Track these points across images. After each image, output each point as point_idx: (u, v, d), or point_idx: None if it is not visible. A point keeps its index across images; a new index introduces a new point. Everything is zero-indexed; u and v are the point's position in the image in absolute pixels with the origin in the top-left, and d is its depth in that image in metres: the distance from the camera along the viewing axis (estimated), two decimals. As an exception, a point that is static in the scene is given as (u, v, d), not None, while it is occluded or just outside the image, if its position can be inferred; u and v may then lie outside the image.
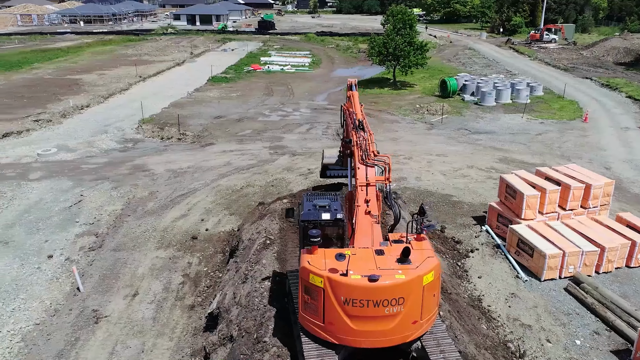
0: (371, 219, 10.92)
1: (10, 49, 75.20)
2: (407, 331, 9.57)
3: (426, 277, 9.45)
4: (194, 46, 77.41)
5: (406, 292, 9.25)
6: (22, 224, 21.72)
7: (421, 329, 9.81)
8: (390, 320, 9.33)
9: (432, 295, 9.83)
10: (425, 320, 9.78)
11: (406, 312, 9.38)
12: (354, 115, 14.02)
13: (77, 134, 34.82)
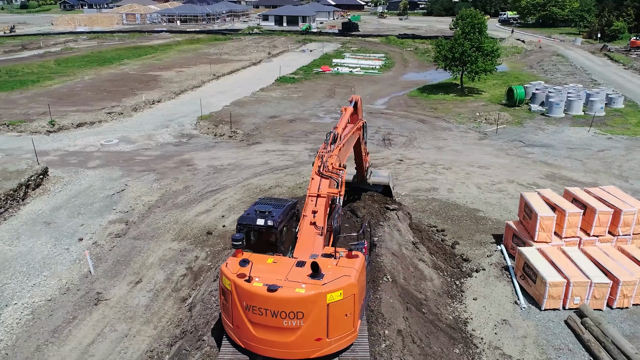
0: (315, 230, 10.80)
1: (110, 46, 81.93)
2: (309, 347, 9.34)
3: (331, 295, 9.12)
4: (274, 46, 79.61)
5: (306, 308, 9.04)
6: (68, 207, 23.72)
7: (328, 348, 9.51)
8: (289, 333, 9.19)
9: (344, 315, 9.45)
10: (334, 339, 9.47)
11: (307, 328, 9.16)
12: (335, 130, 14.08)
13: (141, 127, 37.29)
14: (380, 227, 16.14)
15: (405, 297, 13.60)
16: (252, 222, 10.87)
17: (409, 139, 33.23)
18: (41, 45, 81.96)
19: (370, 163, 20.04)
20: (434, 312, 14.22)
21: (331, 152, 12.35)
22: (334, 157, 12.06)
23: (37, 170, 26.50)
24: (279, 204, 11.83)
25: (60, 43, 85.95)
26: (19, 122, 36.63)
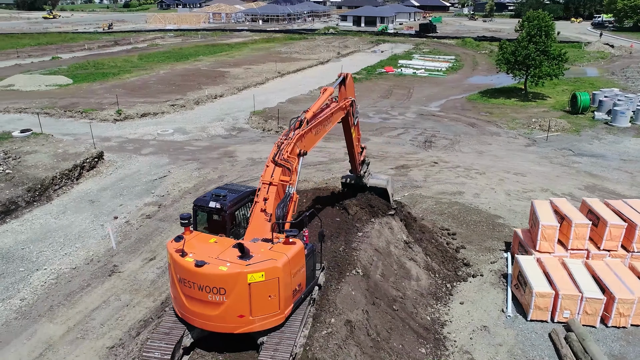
0: (265, 216, 11.34)
1: (191, 43, 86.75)
2: (232, 322, 9.90)
3: (252, 275, 9.63)
4: (345, 46, 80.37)
5: (227, 284, 9.61)
6: (113, 188, 25.93)
7: (251, 326, 10.01)
8: (214, 307, 9.81)
9: (267, 297, 9.92)
10: (257, 318, 9.97)
11: (230, 304, 9.72)
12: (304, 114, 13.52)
13: (198, 119, 39.51)
14: (370, 224, 16.31)
15: (375, 292, 13.78)
16: (205, 204, 11.67)
17: (451, 142, 32.62)
18: (131, 42, 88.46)
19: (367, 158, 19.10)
20: (408, 310, 14.26)
21: (290, 139, 12.40)
22: (292, 144, 12.21)
23: (93, 154, 29.12)
24: (237, 190, 12.51)
25: (148, 40, 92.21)
26: (92, 110, 40.15)
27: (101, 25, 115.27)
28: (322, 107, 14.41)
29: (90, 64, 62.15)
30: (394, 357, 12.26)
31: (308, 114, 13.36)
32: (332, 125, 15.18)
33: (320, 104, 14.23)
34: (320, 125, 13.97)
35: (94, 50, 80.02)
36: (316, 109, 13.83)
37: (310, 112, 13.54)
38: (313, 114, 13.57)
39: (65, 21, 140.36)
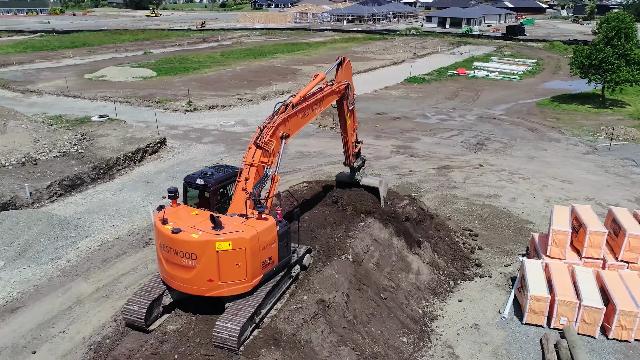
0: (245, 194, 12.23)
1: (273, 41, 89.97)
2: (203, 286, 10.88)
3: (220, 244, 10.57)
4: (422, 47, 79.53)
5: (197, 250, 10.60)
6: (168, 171, 28.17)
7: (220, 290, 10.93)
8: (187, 271, 10.85)
9: (234, 265, 10.80)
10: (226, 284, 10.87)
11: (200, 269, 10.72)
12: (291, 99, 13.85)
13: (261, 113, 41.32)
14: (371, 215, 16.66)
15: (364, 279, 14.24)
16: (193, 180, 12.79)
17: (505, 146, 31.73)
18: (218, 39, 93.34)
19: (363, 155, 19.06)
20: (398, 301, 14.58)
21: (273, 123, 12.97)
22: (273, 128, 12.86)
23: (156, 140, 31.71)
24: (225, 170, 13.49)
25: (234, 37, 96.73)
26: (166, 101, 43.38)
27: (195, 24, 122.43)
28: (315, 92, 14.82)
29: (176, 59, 66.64)
30: (368, 340, 12.73)
31: (294, 99, 13.79)
32: (323, 109, 15.42)
33: (309, 89, 14.60)
34: (309, 109, 14.33)
35: (183, 46, 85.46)
36: (303, 94, 14.25)
37: (297, 97, 13.95)
38: (300, 98, 13.97)
39: (164, 19, 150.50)
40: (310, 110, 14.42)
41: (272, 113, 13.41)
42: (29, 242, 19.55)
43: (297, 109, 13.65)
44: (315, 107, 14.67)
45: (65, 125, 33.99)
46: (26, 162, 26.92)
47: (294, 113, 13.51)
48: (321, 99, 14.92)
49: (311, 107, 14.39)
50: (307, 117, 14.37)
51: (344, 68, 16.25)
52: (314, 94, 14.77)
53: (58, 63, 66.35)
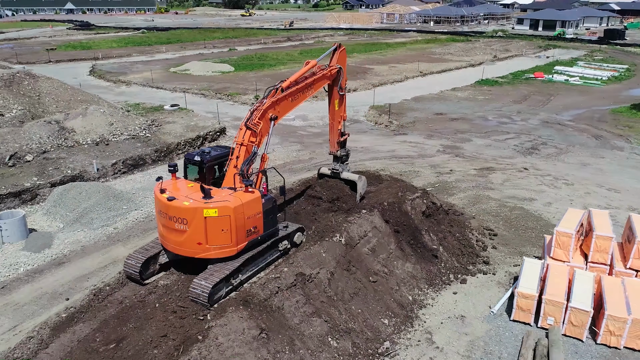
0: (235, 170, 13.48)
1: (354, 41, 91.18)
2: (193, 248, 12.25)
3: (207, 211, 11.88)
4: (505, 50, 76.89)
5: (188, 216, 11.98)
6: (222, 158, 30.29)
7: (207, 252, 12.24)
8: (179, 234, 12.26)
9: (220, 230, 12.06)
10: (212, 247, 12.17)
11: (190, 233, 12.10)
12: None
13: (322, 109, 42.18)
14: (381, 206, 17.27)
15: (355, 261, 14.99)
16: (191, 157, 14.20)
17: (560, 151, 30.56)
18: (302, 38, 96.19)
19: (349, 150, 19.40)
20: (388, 286, 15.17)
21: (262, 106, 14.03)
22: (261, 111, 13.95)
23: (216, 129, 34.13)
24: (221, 150, 14.75)
25: (318, 37, 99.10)
26: (236, 94, 46.09)
27: (283, 23, 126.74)
28: (306, 76, 15.71)
29: (256, 56, 69.93)
30: (345, 316, 13.53)
31: (284, 84, 14.90)
32: (314, 92, 16.42)
33: (300, 75, 15.57)
34: (299, 93, 15.38)
35: (268, 44, 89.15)
36: (294, 79, 15.32)
37: (287, 82, 15.04)
38: (290, 83, 15.03)
39: (257, 19, 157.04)
40: (301, 93, 15.44)
41: (263, 97, 14.52)
42: (87, 210, 22.22)
43: (287, 93, 14.72)
44: (306, 90, 15.68)
45: (140, 112, 37.46)
46: (100, 142, 30.26)
47: (283, 96, 14.59)
48: (312, 83, 15.90)
49: (301, 90, 15.43)
50: (297, 100, 15.42)
51: (339, 54, 17.09)
52: (306, 78, 15.70)
53: (151, 57, 72.13)
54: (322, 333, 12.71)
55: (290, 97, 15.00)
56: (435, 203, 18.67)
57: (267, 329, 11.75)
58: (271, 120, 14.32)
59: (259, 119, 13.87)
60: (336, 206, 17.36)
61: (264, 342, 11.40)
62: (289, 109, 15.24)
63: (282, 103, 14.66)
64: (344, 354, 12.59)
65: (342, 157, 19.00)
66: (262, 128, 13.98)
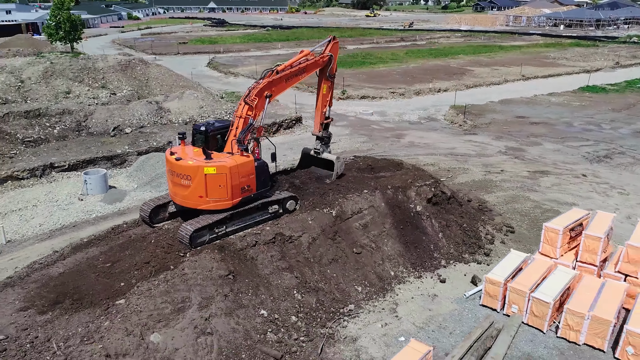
0: (234, 139, 15.61)
1: (468, 43, 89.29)
2: (195, 201, 14.61)
3: (207, 169, 14.18)
4: (633, 57, 70.35)
5: (191, 173, 14.34)
6: (290, 144, 32.87)
7: (207, 204, 14.52)
8: (185, 189, 14.68)
9: (218, 185, 14.32)
10: (211, 199, 14.45)
11: (193, 187, 14.46)
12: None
13: (405, 106, 43.69)
14: (387, 189, 18.34)
15: (343, 234, 16.40)
16: (198, 127, 16.48)
17: (635, 162, 28.54)
18: (416, 39, 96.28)
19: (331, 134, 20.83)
20: (372, 259, 16.37)
21: (258, 85, 16.03)
22: (258, 89, 15.84)
23: (292, 117, 36.92)
24: (224, 122, 16.82)
25: (432, 38, 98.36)
26: (326, 88, 48.58)
27: (403, 24, 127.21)
28: (300, 62, 17.56)
29: (361, 55, 72.02)
30: (317, 277, 15.14)
31: (280, 67, 17.10)
32: (307, 75, 18.31)
33: (294, 60, 17.71)
34: (293, 76, 17.42)
35: (380, 44, 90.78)
36: (289, 64, 17.49)
37: (282, 66, 17.22)
38: (284, 67, 17.18)
39: (380, 19, 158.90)
40: (294, 76, 17.52)
41: (260, 77, 16.64)
42: (158, 175, 26.00)
43: (281, 75, 16.80)
44: (299, 74, 17.73)
45: (231, 99, 41.54)
46: (188, 122, 34.50)
47: (278, 78, 16.69)
48: (305, 67, 17.83)
49: (295, 73, 17.48)
50: (290, 81, 17.52)
51: (332, 45, 19.03)
52: (300, 64, 17.64)
53: (266, 52, 77.63)
54: (290, 286, 14.50)
55: (284, 79, 17.06)
56: (445, 192, 19.31)
57: (236, 272, 13.85)
58: (266, 97, 16.33)
59: (255, 96, 15.97)
60: (345, 187, 18.78)
61: (229, 282, 13.52)
62: (283, 89, 17.40)
63: (277, 84, 16.77)
64: (305, 307, 14.26)
65: (323, 139, 20.45)
66: (258, 104, 16.09)
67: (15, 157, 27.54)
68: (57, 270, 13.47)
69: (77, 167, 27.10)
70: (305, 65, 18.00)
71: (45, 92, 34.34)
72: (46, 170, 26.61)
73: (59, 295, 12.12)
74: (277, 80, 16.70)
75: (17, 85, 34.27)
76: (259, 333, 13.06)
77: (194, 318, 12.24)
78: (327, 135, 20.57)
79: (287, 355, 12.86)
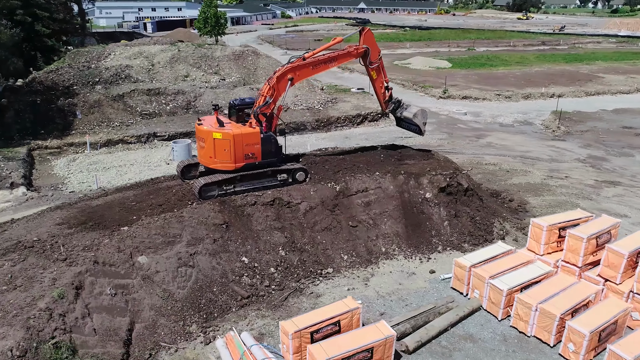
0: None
1: (617, 49, 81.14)
2: (207, 160, 17.19)
3: (215, 134, 16.65)
4: None
5: (205, 136, 16.91)
6: (368, 134, 34.60)
7: (215, 164, 17.02)
8: (202, 149, 17.34)
9: (223, 149, 16.75)
10: (218, 161, 16.94)
11: (206, 148, 17.07)
12: None
13: (505, 109, 42.47)
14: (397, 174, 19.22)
15: (343, 207, 17.83)
16: (231, 102, 18.85)
17: None
18: (559, 43, 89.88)
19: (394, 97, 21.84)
20: (367, 234, 17.61)
21: (283, 68, 17.81)
22: (280, 72, 17.59)
23: (378, 111, 38.34)
24: (251, 99, 18.95)
25: (580, 44, 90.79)
26: (429, 87, 48.98)
27: (553, 28, 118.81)
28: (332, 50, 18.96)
29: (486, 56, 69.95)
30: (306, 240, 16.92)
31: (308, 54, 18.62)
32: (337, 64, 19.68)
33: (323, 48, 19.12)
34: (321, 63, 18.80)
35: (517, 47, 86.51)
36: (317, 52, 18.90)
37: (311, 53, 18.74)
38: (312, 54, 18.66)
39: (532, 22, 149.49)
40: (323, 64, 18.89)
41: (287, 62, 18.53)
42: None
43: (307, 62, 18.35)
44: (329, 62, 19.05)
45: (329, 92, 44.13)
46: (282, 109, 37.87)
47: (304, 64, 18.33)
48: (335, 57, 19.11)
49: (324, 62, 18.86)
50: (318, 68, 18.99)
51: (364, 36, 19.80)
52: (330, 53, 19.09)
53: (392, 52, 78.82)
54: (277, 243, 16.53)
55: (311, 66, 18.66)
56: (462, 184, 19.61)
57: (230, 223, 16.27)
58: (289, 80, 18.28)
59: (276, 78, 18.06)
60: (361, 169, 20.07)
61: (222, 230, 15.98)
62: (309, 74, 19.09)
63: (302, 69, 18.50)
64: (286, 263, 16.19)
65: (394, 108, 21.90)
66: (280, 85, 18.13)
67: (131, 125, 33.23)
68: (96, 202, 17.19)
69: (174, 138, 31.82)
70: (336, 54, 19.63)
71: (168, 75, 40.19)
72: (150, 138, 31.79)
73: (87, 219, 15.67)
74: (301, 66, 18.47)
75: (148, 68, 40.63)
76: (236, 275, 15.37)
77: (180, 252, 14.94)
78: (395, 102, 22.02)
79: (254, 297, 15.00)
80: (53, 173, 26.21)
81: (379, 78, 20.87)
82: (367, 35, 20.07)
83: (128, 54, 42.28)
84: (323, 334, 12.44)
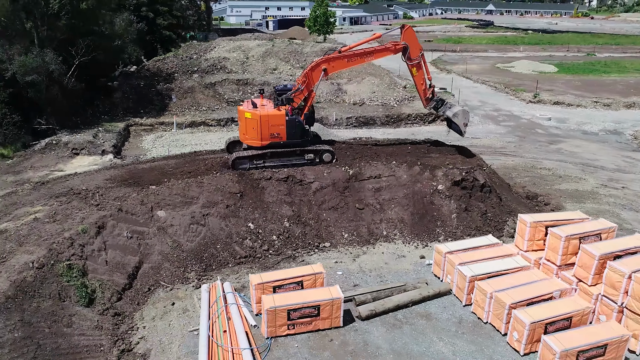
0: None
1: None
2: (242, 136, 19.54)
3: (247, 113, 18.93)
4: None
5: (241, 115, 19.25)
6: (435, 132, 34.92)
7: (246, 140, 19.29)
8: (240, 127, 19.73)
9: (252, 128, 18.93)
10: (248, 137, 19.18)
11: (241, 126, 19.43)
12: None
13: (598, 118, 39.89)
14: (415, 166, 19.91)
15: (353, 190, 19.14)
16: (275, 87, 20.85)
17: None
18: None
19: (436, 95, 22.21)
20: (371, 217, 18.76)
21: (318, 60, 19.31)
22: (315, 63, 19.16)
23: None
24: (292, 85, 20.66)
25: None
26: (521, 91, 47.28)
27: None
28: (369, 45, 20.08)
29: (602, 63, 64.91)
30: (311, 215, 18.56)
31: (344, 48, 20.14)
32: (374, 59, 20.73)
33: (361, 42, 20.31)
34: (357, 57, 19.96)
35: (645, 54, 78.70)
36: (353, 45, 20.28)
37: (346, 47, 20.21)
38: (348, 48, 20.07)
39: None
40: (359, 57, 20.18)
41: (324, 54, 20.09)
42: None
43: (343, 55, 19.81)
44: (365, 56, 20.29)
45: (411, 90, 44.63)
46: (356, 103, 39.56)
47: (339, 57, 19.84)
48: (372, 52, 20.29)
49: (360, 55, 20.11)
50: (354, 62, 20.32)
51: (405, 33, 20.45)
52: (367, 47, 20.30)
53: (501, 54, 76.20)
54: (284, 215, 18.40)
55: (346, 59, 20.04)
56: (478, 180, 19.80)
57: (244, 193, 18.47)
58: (323, 71, 19.88)
59: (310, 68, 19.80)
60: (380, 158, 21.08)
61: (236, 198, 18.24)
62: (344, 66, 20.59)
63: (337, 61, 19.99)
64: (287, 233, 18.01)
65: (437, 106, 22.47)
66: (314, 74, 19.81)
67: (216, 110, 37.08)
68: (143, 166, 20.44)
69: (249, 124, 34.96)
70: (372, 49, 20.92)
71: (259, 68, 43.71)
72: (228, 122, 35.28)
73: (129, 178, 18.87)
74: (336, 59, 19.96)
75: (242, 60, 44.56)
76: (240, 237, 17.56)
77: (195, 211, 17.47)
78: (437, 100, 22.61)
79: (250, 257, 17.07)
80: (141, 146, 30.56)
81: (420, 75, 21.51)
82: (407, 33, 20.81)
83: (228, 48, 46.66)
84: (286, 290, 14.12)
